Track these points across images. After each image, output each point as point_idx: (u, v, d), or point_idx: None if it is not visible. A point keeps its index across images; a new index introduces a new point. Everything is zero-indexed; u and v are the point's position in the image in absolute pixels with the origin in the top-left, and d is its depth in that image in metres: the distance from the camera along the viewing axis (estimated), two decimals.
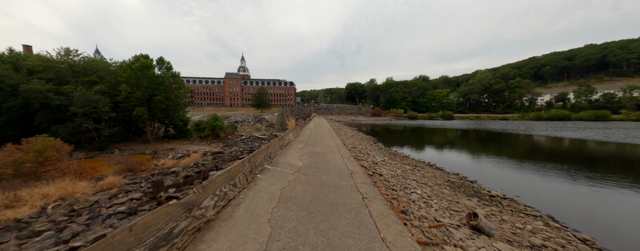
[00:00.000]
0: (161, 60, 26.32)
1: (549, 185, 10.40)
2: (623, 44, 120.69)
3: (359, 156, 12.03)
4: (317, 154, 9.86)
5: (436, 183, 9.96)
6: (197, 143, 27.19)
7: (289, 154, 9.48)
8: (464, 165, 14.52)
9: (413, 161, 15.13)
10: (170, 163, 17.19)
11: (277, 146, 9.65)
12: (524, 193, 9.43)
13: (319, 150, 10.82)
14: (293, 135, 13.57)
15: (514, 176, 11.85)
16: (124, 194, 10.18)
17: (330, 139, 15.40)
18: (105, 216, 8.18)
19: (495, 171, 12.97)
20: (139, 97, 23.72)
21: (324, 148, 11.72)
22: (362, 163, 10.28)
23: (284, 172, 7.07)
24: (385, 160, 12.73)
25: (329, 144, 12.87)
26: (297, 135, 15.20)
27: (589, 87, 75.28)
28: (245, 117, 62.08)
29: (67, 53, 22.84)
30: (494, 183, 10.66)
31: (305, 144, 12.21)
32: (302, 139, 13.72)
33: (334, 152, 10.84)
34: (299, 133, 16.36)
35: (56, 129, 20.24)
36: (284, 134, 11.53)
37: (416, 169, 12.15)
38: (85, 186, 10.09)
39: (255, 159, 6.80)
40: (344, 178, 6.93)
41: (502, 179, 11.30)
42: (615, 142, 22.90)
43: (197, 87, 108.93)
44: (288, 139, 12.18)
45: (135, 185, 11.76)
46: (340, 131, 24.00)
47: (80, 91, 21.26)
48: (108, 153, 21.52)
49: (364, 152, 14.10)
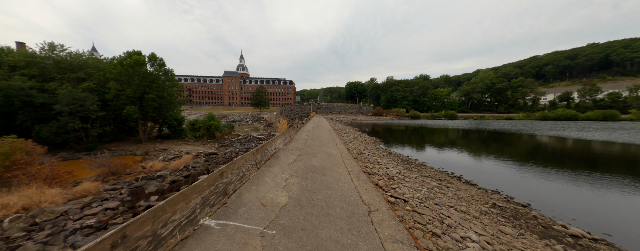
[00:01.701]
0: (153, 56, 25.11)
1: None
2: (626, 43, 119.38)
3: (368, 166, 9.52)
4: (315, 171, 7.03)
5: (481, 210, 7.37)
6: (192, 143, 26.03)
7: (269, 176, 6.18)
8: (494, 175, 12.22)
9: (434, 171, 12.56)
10: (159, 165, 16.03)
11: (249, 164, 6.08)
12: (613, 228, 6.65)
13: (317, 164, 8.02)
14: (283, 141, 10.33)
15: (573, 194, 9.33)
16: (99, 203, 9.02)
17: (332, 143, 12.73)
18: (70, 232, 6.99)
19: (540, 186, 10.55)
20: (129, 96, 22.52)
21: (324, 158, 8.97)
22: (375, 179, 7.77)
23: (243, 233, 3.52)
24: (402, 172, 10.17)
25: (331, 152, 10.22)
26: (290, 140, 12.00)
27: (594, 86, 74.10)
28: (244, 117, 60.91)
29: (52, 48, 21.59)
30: (554, 207, 8.25)
31: (299, 153, 9.33)
32: (296, 146, 10.69)
33: (338, 164, 8.25)
34: (292, 137, 13.05)
35: (40, 129, 19.06)
36: (267, 143, 8.17)
37: (443, 185, 9.66)
38: (55, 194, 8.93)
39: (171, 209, 3.08)
40: (358, 226, 3.95)
41: (558, 200, 8.94)
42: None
43: (195, 85, 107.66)
44: (273, 149, 8.90)
45: (115, 191, 10.60)
46: (341, 132, 22.21)
47: (66, 88, 20.05)
48: (96, 153, 20.35)
49: (373, 160, 11.55)
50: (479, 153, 18.93)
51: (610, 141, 23.86)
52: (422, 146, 22.54)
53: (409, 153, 18.49)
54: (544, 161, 15.61)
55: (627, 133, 30.44)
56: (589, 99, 74.81)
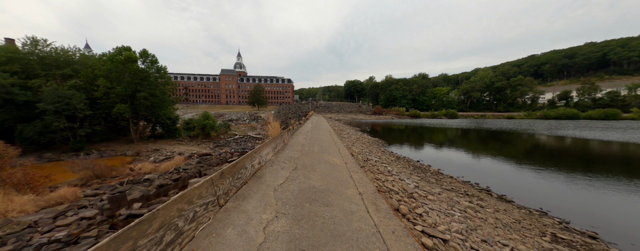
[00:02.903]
0: (145, 53, 24.04)
1: None
2: (623, 42, 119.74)
3: (380, 179, 7.36)
4: (314, 198, 4.65)
5: (543, 248, 5.35)
6: (186, 143, 25.06)
7: (238, 223, 3.54)
8: (522, 185, 10.38)
9: (455, 182, 10.45)
10: (149, 166, 15.10)
11: (203, 202, 3.47)
12: None
13: (317, 183, 5.49)
14: (273, 150, 7.72)
15: None
16: (75, 211, 8.12)
17: (333, 148, 10.44)
18: (34, 248, 6.07)
19: (583, 198, 8.80)
20: (119, 93, 21.49)
21: (326, 171, 6.51)
22: (394, 200, 5.49)
23: None
24: (420, 185, 8.21)
25: (333, 162, 7.90)
26: (284, 146, 9.40)
27: (593, 85, 74.00)
28: (241, 116, 59.88)
29: (35, 43, 20.44)
30: (632, 238, 6.37)
31: (294, 166, 6.75)
32: (291, 155, 8.16)
33: (344, 182, 5.79)
34: (286, 142, 10.47)
35: (22, 128, 18.03)
36: (245, 157, 5.38)
37: (476, 203, 7.56)
38: (26, 202, 8.01)
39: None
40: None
41: (623, 221, 7.28)
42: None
43: (192, 84, 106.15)
44: (254, 165, 5.96)
45: (95, 197, 9.68)
46: (342, 133, 20.80)
47: (51, 85, 18.98)
48: (84, 154, 19.34)
49: (383, 169, 9.40)
50: (493, 155, 17.24)
51: (629, 142, 22.29)
52: (430, 147, 20.91)
53: (418, 156, 16.64)
54: (573, 166, 13.71)
55: None
56: (588, 98, 74.77)
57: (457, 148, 20.68)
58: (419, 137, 28.22)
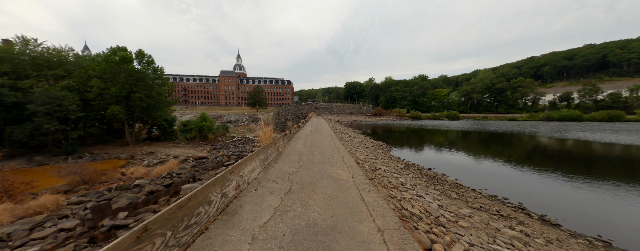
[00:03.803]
0: (141, 53, 23.47)
1: None
2: (622, 44, 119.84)
3: (395, 196, 5.89)
4: (313, 249, 2.79)
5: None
6: (182, 146, 24.39)
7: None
8: (562, 200, 8.57)
9: (482, 198, 8.50)
10: (141, 171, 14.41)
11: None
12: None
13: (317, 216, 3.62)
14: (260, 164, 5.59)
15: None
16: (55, 222, 7.46)
17: (337, 156, 8.87)
18: None
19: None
20: (114, 95, 20.87)
21: (331, 193, 4.77)
22: (423, 235, 3.94)
23: None
24: (443, 204, 6.60)
25: (338, 176, 6.06)
26: (278, 156, 7.32)
27: (595, 86, 73.61)
28: (239, 117, 59.26)
29: (26, 43, 19.83)
30: None
31: (288, 186, 4.86)
32: (285, 169, 6.03)
33: (355, 209, 4.08)
34: (281, 150, 8.37)
35: (12, 131, 17.36)
36: (210, 183, 3.06)
37: (521, 230, 5.74)
38: (2, 211, 7.36)
39: None
40: None
41: None
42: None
43: (191, 85, 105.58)
44: (230, 192, 3.74)
45: (79, 206, 9.03)
46: (344, 136, 19.85)
47: (43, 86, 18.35)
48: (76, 157, 18.66)
49: (395, 181, 7.78)
50: (509, 160, 15.11)
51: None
52: (438, 152, 19.16)
53: (428, 162, 14.85)
54: (614, 174, 11.69)
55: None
56: (589, 100, 74.32)
57: (467, 152, 18.83)
58: (423, 140, 27.07)
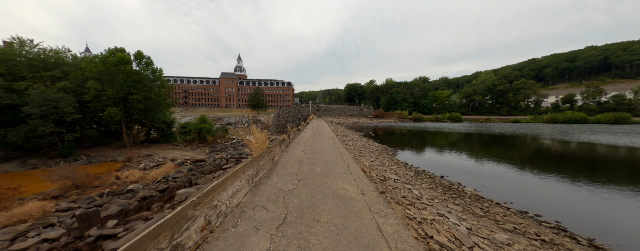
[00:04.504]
0: (139, 54, 23.17)
1: None
2: (624, 45, 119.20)
3: (413, 217, 4.59)
4: None
5: None
6: (181, 148, 23.97)
7: None
8: (602, 220, 6.93)
9: (515, 217, 6.86)
10: (137, 174, 13.98)
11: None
12: None
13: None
14: (247, 183, 4.05)
15: None
16: (39, 231, 7.01)
17: (341, 164, 7.65)
18: None
19: None
20: (111, 96, 20.51)
21: (336, 221, 3.48)
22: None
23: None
24: (472, 227, 5.19)
25: (345, 193, 4.88)
26: (272, 169, 5.99)
27: (598, 88, 72.95)
28: (240, 119, 58.90)
29: (22, 44, 19.54)
30: None
31: (283, 212, 3.48)
32: (280, 186, 4.65)
33: None
34: (277, 160, 7.08)
35: (6, 133, 16.99)
36: (151, 234, 1.63)
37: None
38: None
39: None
40: None
41: None
42: None
43: (192, 87, 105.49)
44: (190, 243, 2.11)
45: (67, 213, 8.58)
46: (346, 139, 19.21)
47: (39, 88, 18.01)
48: (63, 161, 18.19)
49: (408, 194, 6.27)
50: (526, 166, 13.45)
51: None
52: (445, 155, 17.70)
53: (438, 168, 13.27)
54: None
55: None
56: (592, 102, 73.60)
57: (477, 156, 17.28)
58: (428, 142, 25.96)
